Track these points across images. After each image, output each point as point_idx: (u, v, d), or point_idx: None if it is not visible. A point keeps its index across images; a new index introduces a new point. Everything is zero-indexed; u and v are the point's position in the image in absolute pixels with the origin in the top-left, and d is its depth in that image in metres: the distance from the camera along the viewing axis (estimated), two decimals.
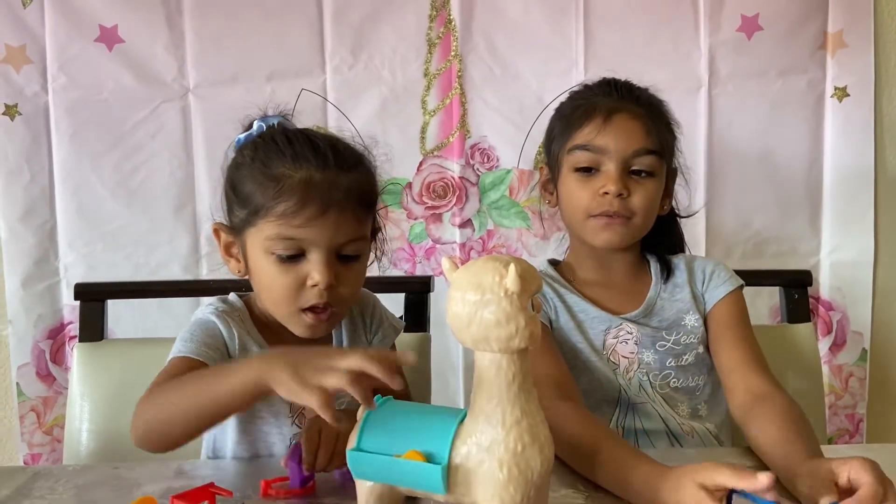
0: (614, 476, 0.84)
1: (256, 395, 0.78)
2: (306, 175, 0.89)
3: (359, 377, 0.70)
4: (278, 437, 0.99)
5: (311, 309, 0.92)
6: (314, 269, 0.89)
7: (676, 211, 1.23)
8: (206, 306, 0.99)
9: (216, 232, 0.98)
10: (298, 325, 0.94)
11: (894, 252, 1.72)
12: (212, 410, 0.81)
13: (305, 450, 0.83)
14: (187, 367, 0.90)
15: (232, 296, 1.03)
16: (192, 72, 1.61)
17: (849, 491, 0.73)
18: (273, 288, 0.92)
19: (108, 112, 1.60)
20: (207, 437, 1.01)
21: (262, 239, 0.90)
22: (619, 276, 1.16)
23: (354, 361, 0.70)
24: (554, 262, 1.21)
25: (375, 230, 1.00)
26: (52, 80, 1.59)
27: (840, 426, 1.74)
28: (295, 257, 0.90)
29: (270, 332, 0.98)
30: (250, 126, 0.98)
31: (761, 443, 0.92)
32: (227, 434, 1.00)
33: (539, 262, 1.22)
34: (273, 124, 0.97)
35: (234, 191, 0.94)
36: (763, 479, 0.68)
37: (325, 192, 0.88)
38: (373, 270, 1.03)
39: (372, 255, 1.01)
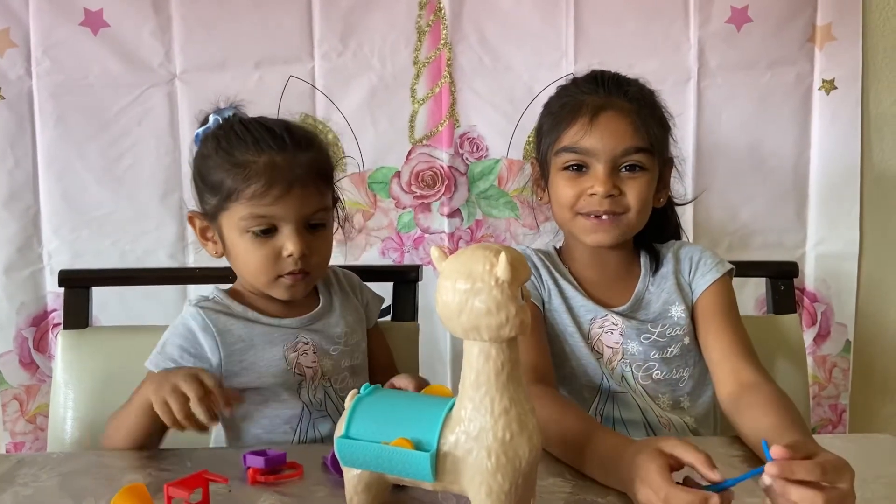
0: (577, 450, 0.86)
1: (149, 412, 0.90)
2: (268, 158, 0.99)
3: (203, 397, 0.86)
4: (289, 413, 1.05)
5: (289, 273, 1.02)
6: (287, 241, 1.00)
7: (673, 199, 1.22)
8: (186, 307, 1.06)
9: (191, 219, 1.09)
10: (279, 290, 1.05)
11: (879, 245, 1.73)
12: (139, 432, 0.96)
13: None
14: None
15: (213, 291, 1.10)
16: (178, 57, 1.59)
17: None
18: (251, 261, 1.02)
19: (94, 97, 1.58)
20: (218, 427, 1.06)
21: (236, 220, 1.01)
22: (610, 270, 1.16)
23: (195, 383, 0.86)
24: (555, 247, 1.21)
25: (335, 200, 1.10)
26: (36, 64, 1.57)
27: (823, 416, 1.76)
28: (268, 232, 1.00)
29: (257, 310, 1.07)
30: (205, 121, 1.07)
31: (753, 431, 0.92)
32: (240, 421, 1.05)
33: (543, 244, 1.22)
34: (228, 116, 1.06)
35: (202, 180, 1.04)
36: (712, 476, 0.71)
37: (288, 171, 0.99)
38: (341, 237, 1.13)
39: (336, 224, 1.11)
